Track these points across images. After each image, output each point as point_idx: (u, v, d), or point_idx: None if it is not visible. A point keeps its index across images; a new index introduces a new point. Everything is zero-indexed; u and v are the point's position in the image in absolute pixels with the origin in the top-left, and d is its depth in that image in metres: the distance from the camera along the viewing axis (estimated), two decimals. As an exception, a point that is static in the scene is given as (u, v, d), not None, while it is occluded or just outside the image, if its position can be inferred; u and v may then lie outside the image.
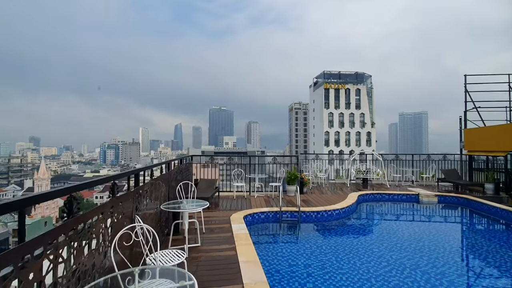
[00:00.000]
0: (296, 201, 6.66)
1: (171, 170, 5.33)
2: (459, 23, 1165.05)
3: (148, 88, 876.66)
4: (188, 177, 7.10)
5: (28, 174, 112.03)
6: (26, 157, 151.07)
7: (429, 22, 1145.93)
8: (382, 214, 8.15)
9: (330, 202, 7.38)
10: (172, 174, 5.32)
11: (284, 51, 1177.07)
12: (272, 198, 8.03)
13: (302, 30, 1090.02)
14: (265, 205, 7.19)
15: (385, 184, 10.33)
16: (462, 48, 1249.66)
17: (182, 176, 6.37)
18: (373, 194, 8.87)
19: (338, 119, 54.75)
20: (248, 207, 6.92)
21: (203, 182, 7.97)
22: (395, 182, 10.82)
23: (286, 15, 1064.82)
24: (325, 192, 9.14)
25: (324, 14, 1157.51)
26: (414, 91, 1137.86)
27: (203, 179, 8.26)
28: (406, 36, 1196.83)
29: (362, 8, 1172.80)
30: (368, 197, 8.78)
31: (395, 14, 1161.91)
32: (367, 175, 10.40)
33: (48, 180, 69.89)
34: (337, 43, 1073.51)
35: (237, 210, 6.59)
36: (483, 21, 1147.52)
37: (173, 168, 5.60)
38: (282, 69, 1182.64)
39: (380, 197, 8.83)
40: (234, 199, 7.91)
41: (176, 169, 5.79)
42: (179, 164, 6.38)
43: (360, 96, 55.36)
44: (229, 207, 7.08)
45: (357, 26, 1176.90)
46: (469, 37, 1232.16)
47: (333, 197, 8.13)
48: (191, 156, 8.12)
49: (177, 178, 5.81)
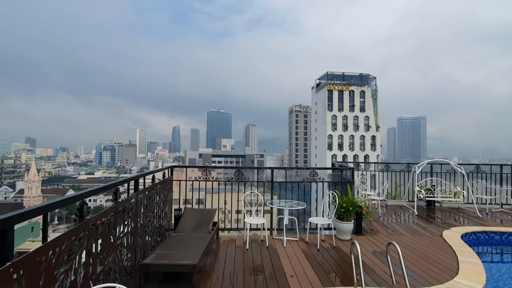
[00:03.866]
0: (357, 255, 2.75)
1: (127, 199, 2.95)
2: (456, 29, 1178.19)
3: (146, 90, 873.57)
4: (164, 205, 4.56)
5: (21, 175, 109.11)
6: (20, 158, 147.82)
7: (426, 27, 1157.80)
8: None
9: (435, 265, 4.00)
10: (126, 206, 2.86)
11: (283, 54, 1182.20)
12: (317, 248, 4.68)
13: (300, 33, 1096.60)
14: (310, 268, 3.89)
15: (467, 209, 7.31)
16: (459, 54, 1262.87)
17: (151, 207, 3.86)
18: (492, 235, 5.46)
19: (341, 122, 52.79)
20: (279, 272, 3.76)
21: (191, 215, 4.82)
22: (479, 205, 7.34)
23: (285, 18, 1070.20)
24: (394, 228, 5.85)
25: (322, 17, 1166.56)
26: (411, 96, 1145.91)
27: (191, 209, 5.08)
28: (403, 40, 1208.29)
29: (360, 12, 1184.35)
30: (482, 239, 5.47)
31: (393, 19, 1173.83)
32: (435, 194, 7.36)
33: (38, 183, 67.00)
34: (335, 46, 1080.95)
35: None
36: (479, 27, 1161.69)
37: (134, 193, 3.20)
38: (281, 72, 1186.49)
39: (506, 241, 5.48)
40: (246, 250, 4.55)
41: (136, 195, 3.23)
42: (153, 182, 3.93)
43: (365, 98, 53.49)
44: (240, 276, 3.62)
45: (355, 30, 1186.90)
46: (465, 43, 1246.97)
47: (427, 248, 4.67)
48: (171, 168, 5.15)
49: (140, 212, 3.33)
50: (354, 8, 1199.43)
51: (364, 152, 52.68)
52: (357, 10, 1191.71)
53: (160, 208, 4.33)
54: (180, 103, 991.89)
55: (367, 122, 53.32)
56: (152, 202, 3.86)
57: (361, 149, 52.81)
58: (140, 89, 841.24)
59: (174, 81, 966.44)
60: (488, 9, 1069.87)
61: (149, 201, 3.71)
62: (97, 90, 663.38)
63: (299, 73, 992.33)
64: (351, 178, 5.57)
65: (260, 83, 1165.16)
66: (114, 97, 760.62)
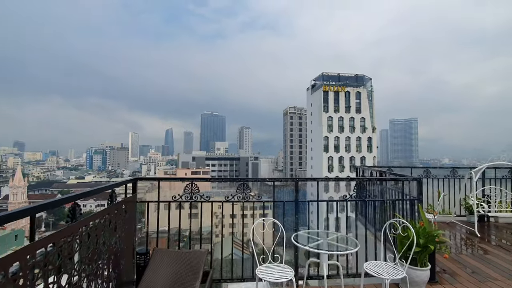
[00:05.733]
0: None
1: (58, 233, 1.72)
2: (446, 31, 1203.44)
3: (139, 92, 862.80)
4: (118, 245, 2.80)
5: (7, 180, 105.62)
6: (6, 163, 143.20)
7: (417, 29, 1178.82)
8: None
9: None
10: None
11: (276, 56, 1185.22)
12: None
13: (293, 35, 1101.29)
14: None
15: None
16: (449, 56, 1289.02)
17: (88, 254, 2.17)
18: None
19: (337, 124, 52.03)
20: None
21: (165, 262, 3.03)
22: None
23: (277, 21, 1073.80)
24: (471, 265, 4.19)
25: (314, 20, 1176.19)
26: (403, 98, 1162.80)
27: (166, 251, 3.20)
28: (395, 42, 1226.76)
29: (351, 14, 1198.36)
30: None
31: (384, 21, 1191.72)
32: (494, 206, 5.89)
33: (24, 188, 64.20)
34: (328, 49, 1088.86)
35: None
36: (469, 30, 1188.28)
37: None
38: (274, 74, 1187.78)
39: None
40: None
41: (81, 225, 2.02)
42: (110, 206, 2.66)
43: (361, 99, 52.89)
44: None
45: (348, 32, 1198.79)
46: (455, 45, 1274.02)
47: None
48: (133, 182, 3.40)
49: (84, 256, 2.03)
50: (346, 11, 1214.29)
51: (360, 153, 52.02)
52: (349, 12, 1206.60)
53: (109, 252, 2.60)
54: (174, 106, 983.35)
55: (363, 124, 52.70)
56: (87, 248, 2.14)
57: (357, 151, 52.13)
58: (133, 91, 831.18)
59: (167, 84, 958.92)
60: (477, 12, 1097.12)
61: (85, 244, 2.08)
62: (89, 92, 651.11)
63: (292, 75, 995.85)
64: (418, 194, 3.68)
65: (254, 85, 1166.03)
66: (106, 99, 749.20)
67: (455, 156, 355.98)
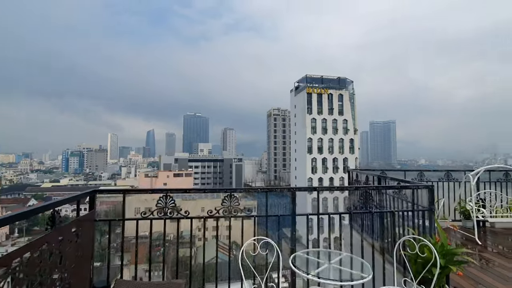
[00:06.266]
0: None
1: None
2: (423, 38, 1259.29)
3: (119, 93, 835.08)
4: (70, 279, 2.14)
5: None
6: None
7: (396, 36, 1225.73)
8: None
9: None
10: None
11: (261, 58, 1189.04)
12: None
13: (277, 38, 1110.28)
14: None
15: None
16: (425, 61, 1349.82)
17: None
18: None
19: (321, 125, 52.54)
20: None
21: None
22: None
23: (262, 23, 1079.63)
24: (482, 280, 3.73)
25: (299, 24, 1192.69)
26: (382, 101, 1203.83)
27: (133, 283, 2.46)
28: (374, 48, 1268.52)
29: (334, 20, 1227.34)
30: None
31: (365, 27, 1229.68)
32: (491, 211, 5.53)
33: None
34: (312, 52, 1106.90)
35: None
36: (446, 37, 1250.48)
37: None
38: (259, 76, 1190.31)
39: None
40: None
41: None
42: None
43: (343, 101, 53.74)
44: None
45: (330, 37, 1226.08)
46: (431, 51, 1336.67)
47: None
48: (92, 194, 2.70)
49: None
50: (329, 16, 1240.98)
51: (343, 155, 52.79)
52: (332, 18, 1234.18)
53: None
54: (156, 107, 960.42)
55: (346, 125, 53.54)
56: None
57: (340, 152, 52.85)
58: (114, 92, 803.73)
59: (149, 84, 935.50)
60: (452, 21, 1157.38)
61: None
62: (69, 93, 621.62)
63: (277, 77, 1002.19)
64: (429, 203, 3.13)
65: (238, 86, 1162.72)
66: (86, 100, 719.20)
67: (431, 157, 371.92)
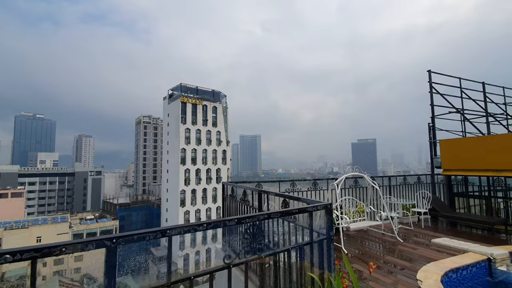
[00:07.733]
0: None
1: None
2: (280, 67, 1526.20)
3: None
4: None
5: None
6: None
7: (260, 62, 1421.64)
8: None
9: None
10: None
11: (130, 60, 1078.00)
12: None
13: (150, 42, 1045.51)
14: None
15: (375, 231, 6.13)
16: (282, 87, 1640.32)
17: None
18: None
19: (195, 136, 51.84)
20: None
21: None
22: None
23: (134, 23, 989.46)
24: None
25: (175, 33, 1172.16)
26: (249, 116, 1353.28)
27: None
28: (243, 69, 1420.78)
29: (210, 36, 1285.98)
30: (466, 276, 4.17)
31: (236, 48, 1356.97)
32: (348, 217, 5.75)
33: None
34: (185, 63, 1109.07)
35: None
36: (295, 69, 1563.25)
37: None
38: (127, 79, 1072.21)
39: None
40: None
41: None
42: None
43: (217, 113, 55.43)
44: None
45: (205, 51, 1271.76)
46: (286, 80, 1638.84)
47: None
48: None
49: None
50: (205, 31, 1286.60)
51: (216, 165, 53.93)
52: (208, 34, 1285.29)
53: None
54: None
55: (219, 137, 55.26)
56: None
57: (213, 163, 53.73)
58: None
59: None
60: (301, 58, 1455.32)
61: None
62: None
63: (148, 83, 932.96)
64: (328, 229, 2.60)
65: (100, 87, 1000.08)
66: None
67: (285, 166, 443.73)
